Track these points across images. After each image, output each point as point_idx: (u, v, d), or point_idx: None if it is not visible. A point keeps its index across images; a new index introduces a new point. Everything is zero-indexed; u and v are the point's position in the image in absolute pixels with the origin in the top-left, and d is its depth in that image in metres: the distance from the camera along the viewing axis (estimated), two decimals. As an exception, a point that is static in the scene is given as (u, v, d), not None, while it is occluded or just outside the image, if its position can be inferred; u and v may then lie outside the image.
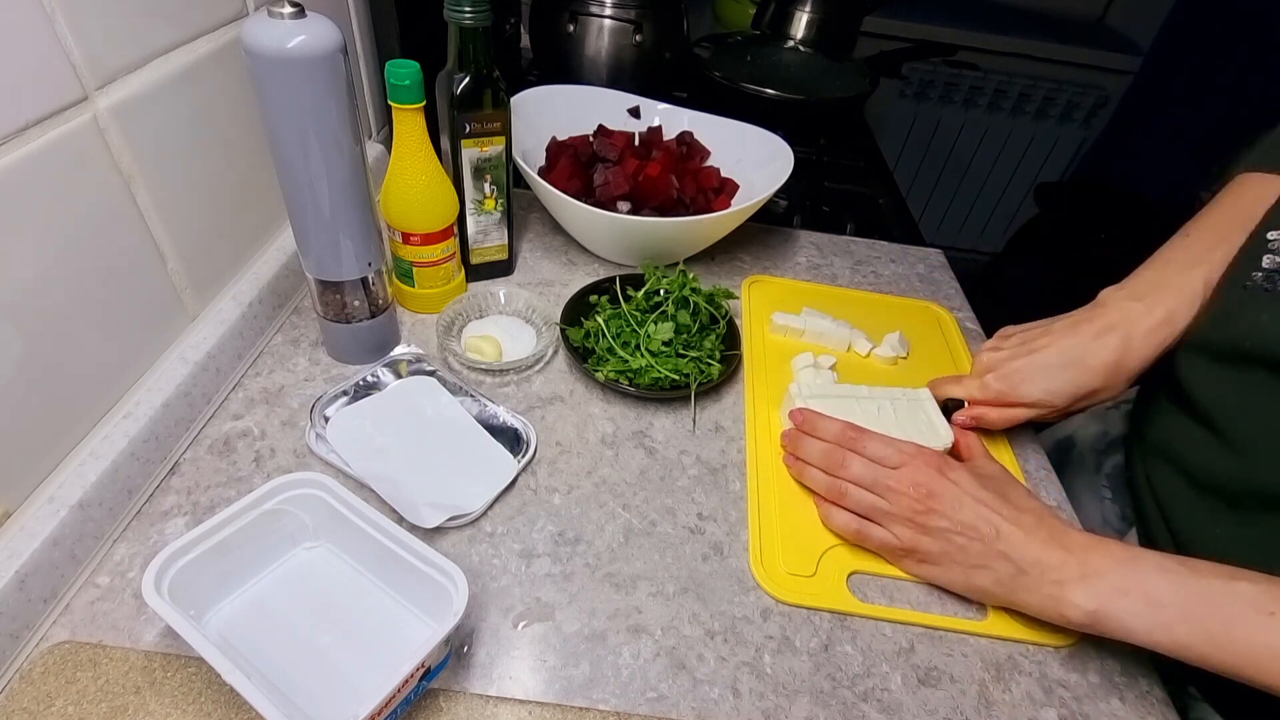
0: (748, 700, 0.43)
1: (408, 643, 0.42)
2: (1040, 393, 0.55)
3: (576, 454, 0.56)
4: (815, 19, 1.27)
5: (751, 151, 0.79)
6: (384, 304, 0.60)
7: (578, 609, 0.46)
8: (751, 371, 0.65)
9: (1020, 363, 0.56)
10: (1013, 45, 1.97)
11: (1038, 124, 2.10)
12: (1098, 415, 0.73)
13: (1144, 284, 0.56)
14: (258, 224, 0.62)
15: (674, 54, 1.08)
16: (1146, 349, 0.54)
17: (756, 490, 0.54)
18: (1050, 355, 0.55)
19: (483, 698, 0.41)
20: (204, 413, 0.55)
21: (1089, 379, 0.54)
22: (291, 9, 0.44)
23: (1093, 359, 0.54)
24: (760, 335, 0.70)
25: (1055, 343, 0.55)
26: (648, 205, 0.73)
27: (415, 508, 0.49)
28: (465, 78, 0.60)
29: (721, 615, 0.47)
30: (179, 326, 0.54)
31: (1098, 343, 0.54)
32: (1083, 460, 0.70)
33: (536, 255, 0.78)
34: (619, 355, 0.61)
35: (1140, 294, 0.55)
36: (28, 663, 0.40)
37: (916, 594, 0.50)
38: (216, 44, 0.53)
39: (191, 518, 0.48)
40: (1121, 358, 0.54)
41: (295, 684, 0.39)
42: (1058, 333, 0.56)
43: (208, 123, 0.53)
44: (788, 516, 0.53)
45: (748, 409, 0.61)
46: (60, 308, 0.42)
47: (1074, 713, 0.44)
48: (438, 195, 0.61)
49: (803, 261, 0.83)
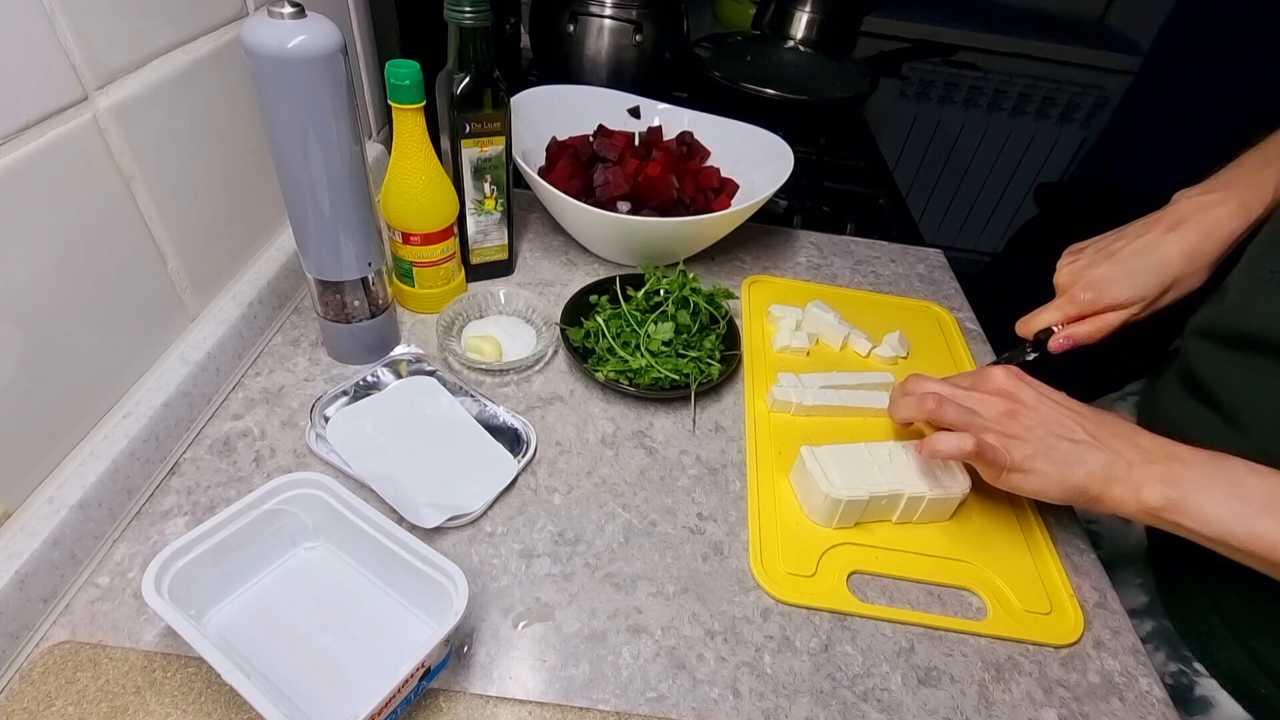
0: (748, 700, 0.43)
1: (408, 643, 0.42)
2: (1130, 291, 0.56)
3: (576, 454, 0.56)
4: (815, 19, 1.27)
5: (751, 151, 0.79)
6: (384, 304, 0.60)
7: (578, 609, 0.46)
8: (751, 371, 0.65)
9: (1101, 269, 0.57)
10: (1013, 45, 1.96)
11: (1038, 124, 2.10)
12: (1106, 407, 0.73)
13: (1218, 182, 0.57)
14: (258, 224, 0.62)
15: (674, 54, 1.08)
16: (1221, 235, 0.54)
17: (756, 490, 0.54)
18: (1129, 254, 0.56)
19: (483, 698, 0.41)
20: (204, 413, 0.55)
21: (1172, 267, 0.55)
22: (291, 9, 0.44)
23: (1171, 248, 0.55)
24: (760, 335, 0.70)
25: (1131, 243, 0.56)
26: (648, 205, 0.73)
27: (415, 508, 0.49)
28: (465, 78, 0.60)
29: (721, 615, 0.47)
30: (179, 326, 0.54)
31: (1174, 234, 0.55)
32: None
33: (536, 255, 0.78)
34: (619, 355, 0.61)
35: (1213, 189, 0.56)
36: (28, 663, 0.40)
37: (916, 594, 0.50)
38: (216, 44, 0.53)
39: (191, 518, 0.48)
40: (1199, 243, 0.54)
41: (295, 684, 0.39)
42: (1131, 234, 0.57)
43: (208, 123, 0.53)
44: (788, 516, 0.53)
45: (748, 409, 0.61)
46: (60, 308, 0.42)
47: (1074, 713, 0.44)
48: (438, 195, 0.61)
49: (803, 261, 0.83)
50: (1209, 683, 0.52)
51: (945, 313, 0.76)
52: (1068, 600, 0.50)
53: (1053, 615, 0.49)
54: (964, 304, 0.79)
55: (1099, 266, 0.57)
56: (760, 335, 0.70)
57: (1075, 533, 0.56)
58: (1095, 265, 0.58)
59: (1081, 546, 0.55)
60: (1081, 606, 0.50)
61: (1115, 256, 0.57)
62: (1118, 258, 0.56)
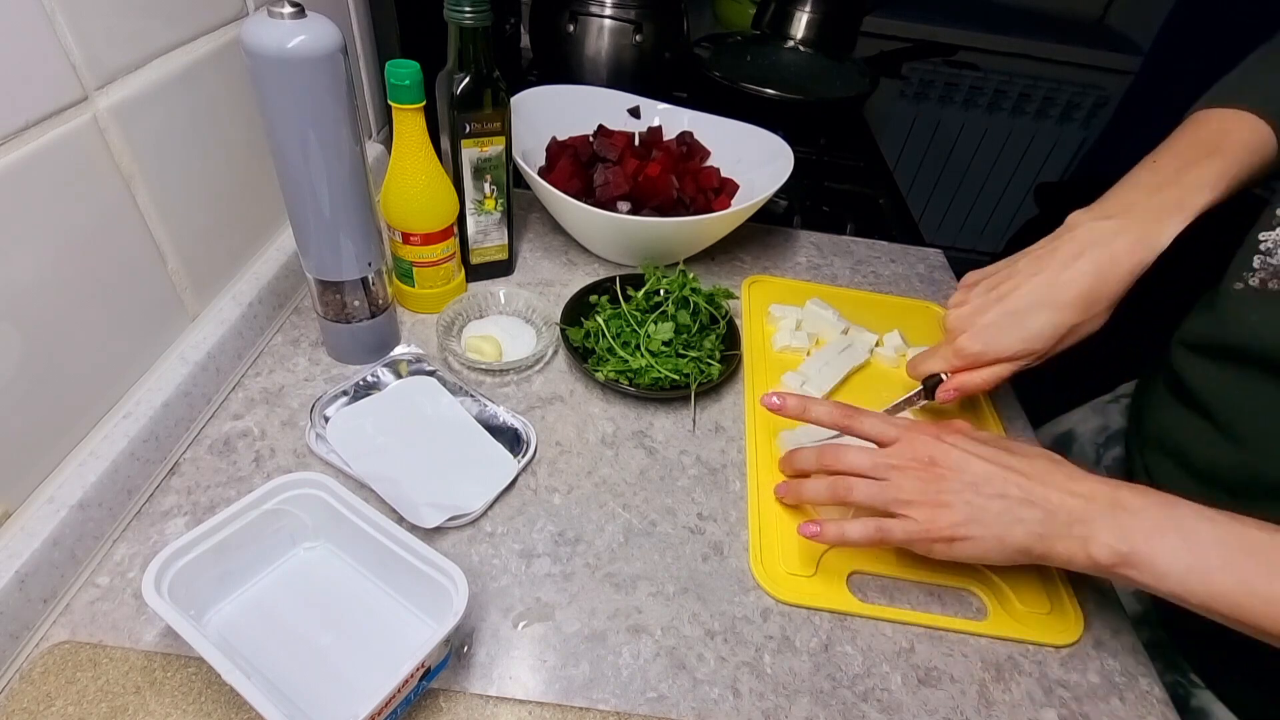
0: (748, 700, 0.43)
1: (408, 643, 0.42)
2: (1019, 343, 0.52)
3: (576, 454, 0.56)
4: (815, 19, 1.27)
5: (751, 151, 0.79)
6: (384, 304, 0.60)
7: (578, 609, 0.46)
8: (751, 371, 0.65)
9: (991, 315, 0.52)
10: (1013, 45, 1.97)
11: (1038, 124, 2.10)
12: (1097, 409, 0.73)
13: (1114, 204, 0.52)
14: (258, 224, 0.62)
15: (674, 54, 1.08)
16: (1121, 273, 0.49)
17: (756, 490, 0.54)
18: (1020, 299, 0.51)
19: (483, 698, 0.41)
20: (204, 413, 0.55)
21: (1065, 315, 0.50)
22: (291, 9, 0.44)
23: (1064, 293, 0.50)
24: (760, 335, 0.70)
25: (1022, 284, 0.52)
26: (648, 205, 0.73)
27: (415, 508, 0.49)
28: (465, 78, 0.60)
29: (721, 615, 0.47)
30: (179, 326, 0.54)
31: (1068, 273, 0.50)
32: (1083, 453, 0.70)
33: (536, 255, 0.78)
34: (619, 355, 0.61)
35: (1111, 213, 0.52)
36: (28, 663, 0.40)
37: (916, 594, 0.50)
38: (216, 44, 0.53)
39: (191, 518, 0.48)
40: (1095, 285, 0.50)
41: (295, 684, 0.39)
42: (1023, 271, 0.52)
43: (208, 123, 0.53)
44: (788, 516, 0.53)
45: (748, 409, 0.61)
46: (60, 308, 0.42)
47: (1074, 713, 0.44)
48: (438, 195, 0.61)
49: (803, 261, 0.83)
50: (1205, 694, 0.52)
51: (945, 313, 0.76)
52: (1068, 600, 0.50)
53: (1052, 615, 0.49)
54: (964, 304, 0.79)
55: (988, 312, 0.53)
56: (760, 335, 0.70)
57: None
58: (984, 311, 0.53)
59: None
60: (1081, 606, 0.50)
61: (1006, 302, 0.52)
62: (1008, 303, 0.52)
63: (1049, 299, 0.51)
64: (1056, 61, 1.98)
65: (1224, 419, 0.50)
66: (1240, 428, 0.49)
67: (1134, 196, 0.52)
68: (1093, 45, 1.98)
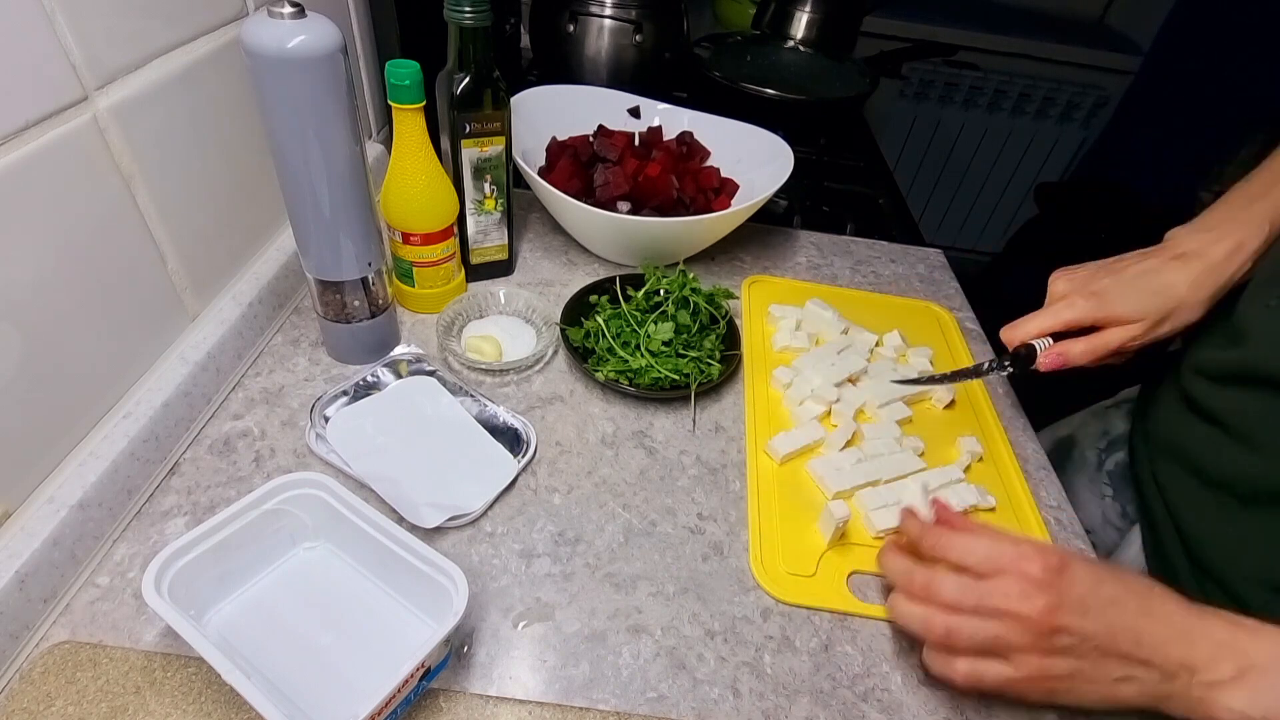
0: (748, 700, 0.43)
1: (408, 643, 0.42)
2: (1135, 305, 0.53)
3: (576, 454, 0.56)
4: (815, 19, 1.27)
5: (751, 151, 0.79)
6: (384, 304, 0.60)
7: (578, 609, 0.46)
8: (751, 371, 0.65)
9: (1106, 281, 0.55)
10: (1013, 45, 1.96)
11: (1038, 124, 2.10)
12: (1098, 414, 0.73)
13: (1211, 219, 0.56)
14: (258, 224, 0.62)
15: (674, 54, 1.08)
16: (1223, 273, 0.53)
17: (757, 490, 0.54)
18: (1133, 273, 0.54)
19: (483, 698, 0.41)
20: (204, 413, 0.55)
21: (1177, 290, 0.53)
22: (291, 9, 0.44)
23: (1176, 274, 0.53)
24: (760, 335, 0.70)
25: (1134, 264, 0.55)
26: (648, 205, 0.73)
27: (415, 508, 0.49)
28: (465, 78, 0.60)
29: (721, 615, 0.47)
30: (179, 326, 0.54)
31: (1177, 262, 0.54)
32: (1084, 459, 0.70)
33: (536, 255, 0.78)
34: (619, 355, 0.61)
35: (1210, 225, 0.55)
36: (28, 663, 0.40)
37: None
38: (216, 44, 0.53)
39: (191, 518, 0.48)
40: (1203, 275, 0.53)
41: (295, 684, 0.39)
42: (1132, 259, 0.56)
43: (208, 123, 0.53)
44: (788, 517, 0.53)
45: (748, 409, 0.61)
46: (60, 307, 0.42)
47: (1074, 712, 0.44)
48: (438, 195, 0.61)
49: (803, 261, 0.83)
50: None
51: (945, 312, 0.76)
52: None
53: None
54: (964, 304, 0.79)
55: (1102, 279, 0.55)
56: (761, 335, 0.70)
57: (1075, 533, 0.56)
58: (1098, 278, 0.55)
59: (1081, 546, 0.55)
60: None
61: (1120, 274, 0.55)
62: (1123, 275, 0.55)
63: (1161, 277, 0.54)
64: (1056, 61, 1.98)
65: (1241, 430, 0.50)
66: (1261, 437, 0.49)
67: (1230, 210, 0.55)
68: (1093, 45, 1.98)
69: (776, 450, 0.57)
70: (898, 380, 0.63)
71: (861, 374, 0.65)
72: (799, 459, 0.57)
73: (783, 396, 0.63)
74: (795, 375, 0.63)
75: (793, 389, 0.62)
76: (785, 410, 0.62)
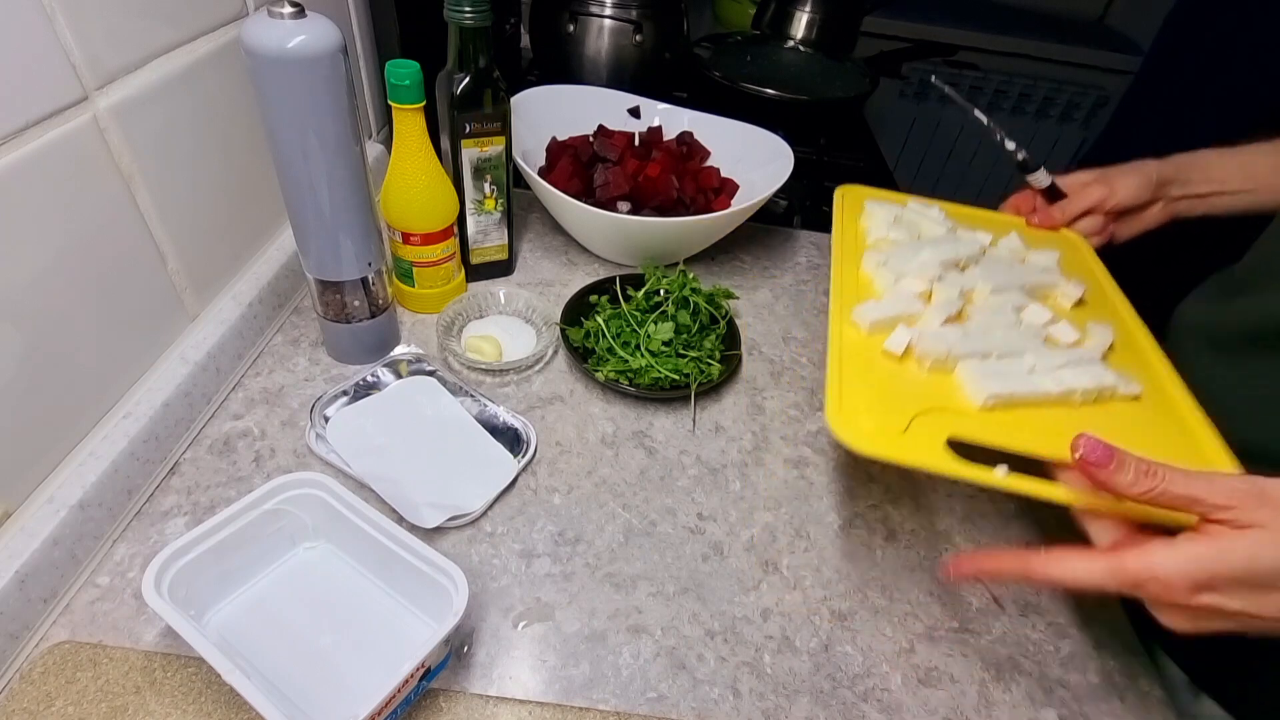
0: (748, 700, 0.43)
1: (408, 643, 0.42)
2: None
3: (576, 454, 0.56)
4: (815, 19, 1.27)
5: (751, 151, 0.79)
6: (384, 304, 0.60)
7: (578, 609, 0.46)
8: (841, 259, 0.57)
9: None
10: (1013, 45, 1.96)
11: (1038, 124, 2.09)
12: None
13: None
14: (258, 224, 0.62)
15: (674, 54, 1.08)
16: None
17: (839, 356, 0.47)
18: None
19: (483, 698, 0.41)
20: (204, 413, 0.55)
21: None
22: (291, 9, 0.44)
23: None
24: (853, 230, 0.62)
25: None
26: (648, 205, 0.73)
27: (415, 508, 0.49)
28: (465, 78, 0.60)
29: (721, 615, 0.47)
30: (179, 326, 0.54)
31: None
32: None
33: (536, 255, 0.78)
34: (619, 355, 0.61)
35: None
36: (28, 663, 0.40)
37: (915, 594, 0.50)
38: (216, 44, 0.53)
39: (191, 518, 0.48)
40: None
41: (295, 684, 0.39)
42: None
43: (208, 123, 0.53)
44: (881, 375, 0.46)
45: (833, 289, 0.53)
46: (60, 308, 0.42)
47: (1074, 713, 0.44)
48: (438, 195, 0.61)
49: (803, 261, 0.83)
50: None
51: (1078, 237, 0.67)
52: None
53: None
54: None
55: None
56: (853, 231, 0.62)
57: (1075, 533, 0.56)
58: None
59: (1081, 546, 0.55)
60: (1082, 605, 0.50)
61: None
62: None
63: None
64: (1056, 61, 1.98)
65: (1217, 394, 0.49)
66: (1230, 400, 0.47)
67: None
68: (1093, 45, 1.98)
69: (864, 317, 0.49)
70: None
71: (971, 262, 0.56)
72: (888, 334, 0.49)
73: (874, 278, 0.55)
74: (890, 257, 0.55)
75: (887, 267, 0.54)
76: (878, 289, 0.54)
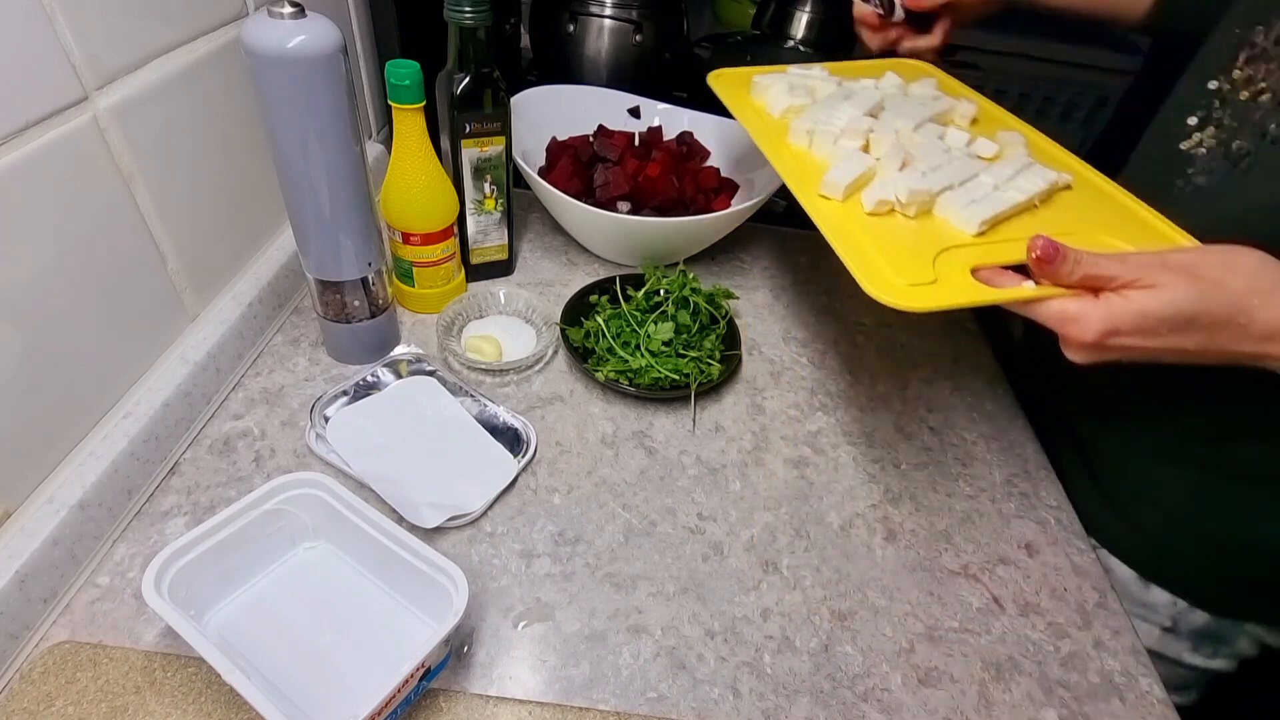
0: (748, 700, 0.43)
1: (408, 643, 0.42)
2: None
3: (576, 454, 0.56)
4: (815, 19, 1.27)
5: (751, 151, 0.79)
6: (384, 304, 0.60)
7: (578, 609, 0.46)
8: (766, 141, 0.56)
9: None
10: (1013, 45, 1.96)
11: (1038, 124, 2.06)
12: None
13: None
14: (258, 224, 0.62)
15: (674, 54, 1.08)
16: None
17: (836, 232, 0.46)
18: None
19: (483, 698, 0.41)
20: (204, 413, 0.55)
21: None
22: (291, 9, 0.44)
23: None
24: (753, 111, 0.62)
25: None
26: (648, 205, 0.73)
27: (415, 508, 0.49)
28: (465, 78, 0.60)
29: (721, 615, 0.47)
30: (179, 326, 0.54)
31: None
32: None
33: (536, 255, 0.78)
34: (619, 355, 0.61)
35: None
36: (28, 663, 0.40)
37: (916, 594, 0.50)
38: (216, 44, 0.53)
39: (191, 518, 0.48)
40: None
41: (295, 684, 0.39)
42: None
43: (208, 123, 0.53)
44: (882, 236, 0.46)
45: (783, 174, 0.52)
46: (60, 308, 0.42)
47: (1074, 713, 0.44)
48: (438, 195, 0.61)
49: (803, 261, 0.83)
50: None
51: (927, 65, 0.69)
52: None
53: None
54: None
55: None
56: (754, 111, 0.62)
57: (1075, 532, 0.56)
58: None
59: (1081, 546, 0.55)
60: (1082, 605, 0.50)
61: None
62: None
63: None
64: (1056, 61, 1.98)
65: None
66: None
67: None
68: (1093, 45, 1.98)
69: (835, 185, 0.49)
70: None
71: (878, 109, 0.59)
72: (858, 196, 0.49)
73: (809, 148, 0.56)
74: (814, 123, 0.56)
75: (818, 135, 0.55)
76: (819, 159, 0.54)
